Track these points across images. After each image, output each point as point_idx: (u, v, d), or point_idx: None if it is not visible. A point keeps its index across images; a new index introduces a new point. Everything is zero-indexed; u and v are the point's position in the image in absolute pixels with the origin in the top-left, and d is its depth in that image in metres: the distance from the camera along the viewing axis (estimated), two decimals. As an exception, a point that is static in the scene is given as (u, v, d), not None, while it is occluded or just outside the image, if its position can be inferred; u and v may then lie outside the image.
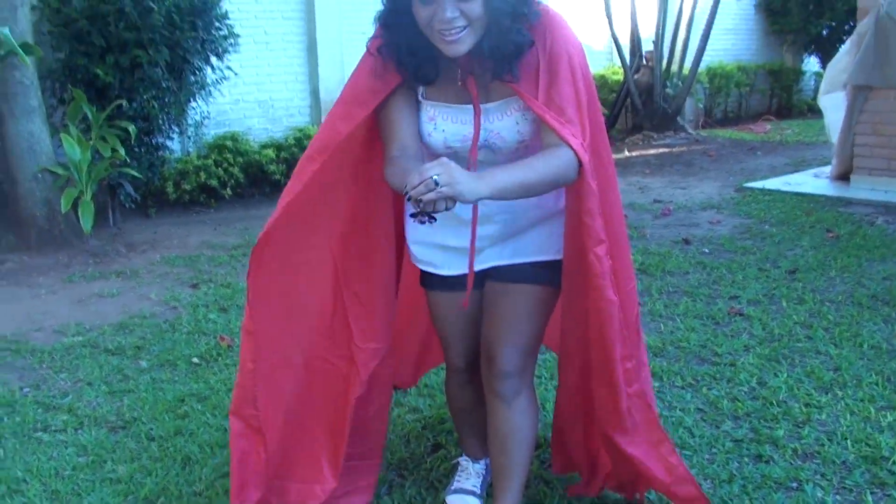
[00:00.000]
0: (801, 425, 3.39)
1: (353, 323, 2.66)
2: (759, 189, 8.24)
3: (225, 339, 4.48)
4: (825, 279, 5.26)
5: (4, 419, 3.69)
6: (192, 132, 8.35)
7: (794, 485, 2.98)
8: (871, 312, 4.64)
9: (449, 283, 2.64)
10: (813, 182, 8.41)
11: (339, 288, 2.66)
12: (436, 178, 1.98)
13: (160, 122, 7.38)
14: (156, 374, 4.15)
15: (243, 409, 2.66)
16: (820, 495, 2.91)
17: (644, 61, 11.97)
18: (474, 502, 2.87)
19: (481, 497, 2.89)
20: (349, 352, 2.68)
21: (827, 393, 3.68)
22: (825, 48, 14.48)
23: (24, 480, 3.16)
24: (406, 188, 2.02)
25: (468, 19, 2.17)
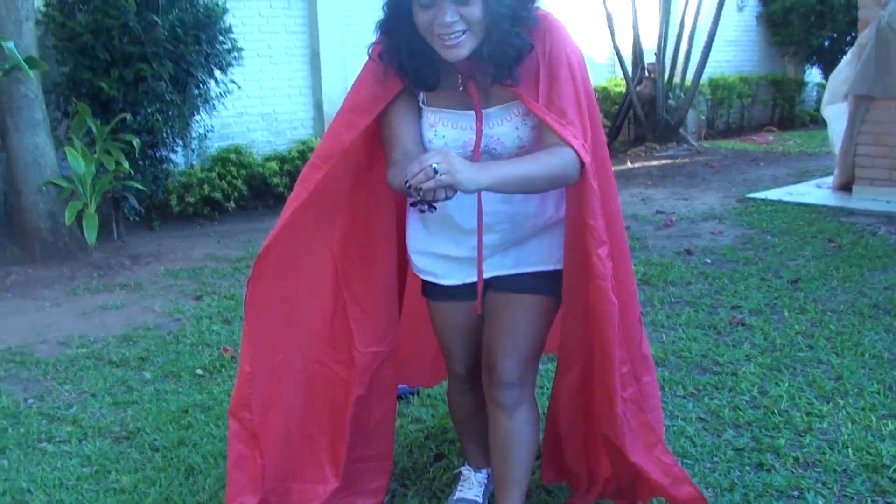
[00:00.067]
0: (802, 434, 3.40)
1: (354, 326, 2.69)
2: (761, 200, 8.25)
3: (228, 350, 4.50)
4: (827, 289, 5.27)
5: (9, 430, 3.71)
6: (195, 145, 8.38)
7: (796, 493, 2.99)
8: (872, 322, 4.64)
9: (450, 292, 2.65)
10: (815, 192, 8.42)
11: (340, 292, 2.69)
12: (435, 166, 2.00)
13: (164, 135, 7.41)
14: (160, 385, 4.17)
15: (240, 412, 2.69)
16: (821, 503, 2.92)
17: (646, 73, 11.99)
18: (476, 511, 2.88)
19: (483, 506, 2.91)
20: (349, 356, 2.70)
21: (828, 402, 3.69)
22: (827, 59, 14.50)
23: (29, 491, 3.18)
24: (406, 176, 2.05)
25: (468, 23, 2.19)
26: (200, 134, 8.30)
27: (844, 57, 8.23)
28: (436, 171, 2.00)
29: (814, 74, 15.66)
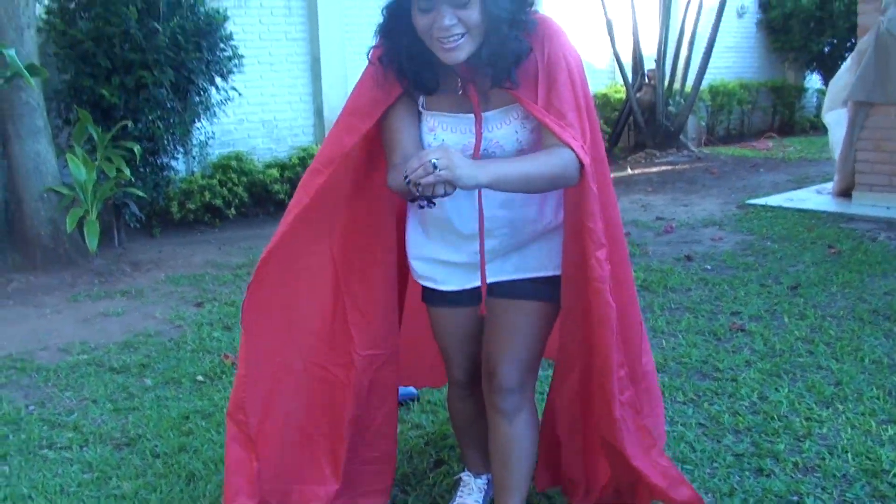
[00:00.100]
0: (801, 439, 3.41)
1: (353, 330, 2.70)
2: (761, 206, 8.26)
3: (229, 357, 4.51)
4: (827, 294, 5.28)
5: (10, 437, 3.72)
6: (196, 152, 8.39)
7: (795, 498, 3.00)
8: (872, 327, 4.65)
9: (449, 298, 2.66)
10: (815, 198, 8.43)
11: (340, 296, 2.70)
12: (434, 161, 2.02)
13: (165, 142, 7.43)
14: (160, 391, 4.17)
15: (236, 414, 2.72)
16: (820, 508, 2.93)
17: (646, 80, 12.01)
18: (476, 517, 2.89)
19: (483, 511, 2.92)
20: (348, 358, 2.72)
21: (828, 407, 3.69)
22: (827, 65, 14.51)
23: (30, 497, 3.19)
24: (406, 172, 2.06)
25: (466, 26, 2.21)
26: (201, 141, 8.31)
27: (844, 63, 8.24)
28: (435, 167, 2.02)
29: (814, 80, 15.68)
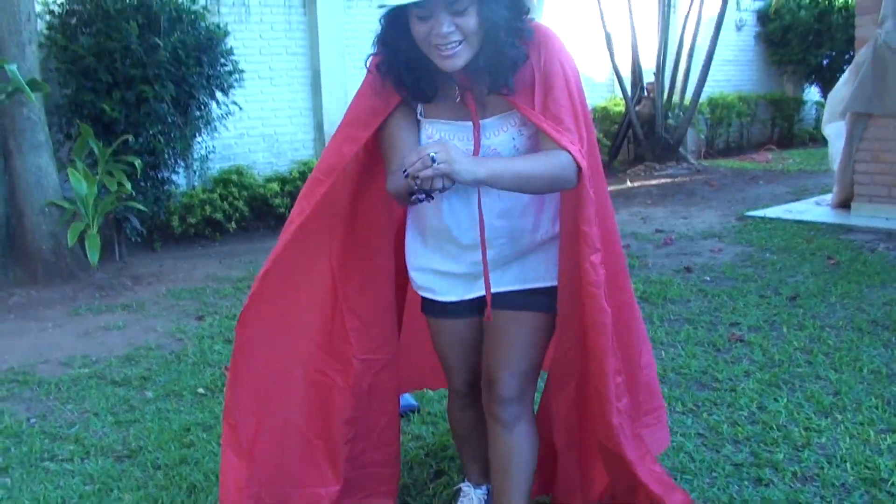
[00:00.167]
0: (800, 449, 3.42)
1: (352, 335, 2.72)
2: (760, 217, 8.28)
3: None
4: (826, 305, 5.29)
5: (12, 449, 3.73)
6: (197, 166, 8.42)
7: (794, 507, 3.01)
8: (871, 337, 4.66)
9: (449, 309, 2.68)
10: (814, 210, 8.45)
11: (338, 302, 2.72)
12: (433, 155, 2.04)
13: (166, 156, 7.46)
14: (161, 404, 4.19)
15: (228, 418, 2.76)
16: (819, 517, 2.94)
17: (645, 93, 12.04)
18: (476, 527, 2.90)
19: (483, 522, 2.92)
20: (347, 363, 2.74)
21: (827, 417, 3.71)
22: (825, 78, 14.55)
23: (32, 509, 3.20)
24: (405, 165, 2.08)
25: (464, 34, 2.23)
26: (202, 155, 8.34)
27: (842, 75, 8.27)
28: (433, 160, 2.04)
29: (812, 93, 15.71)
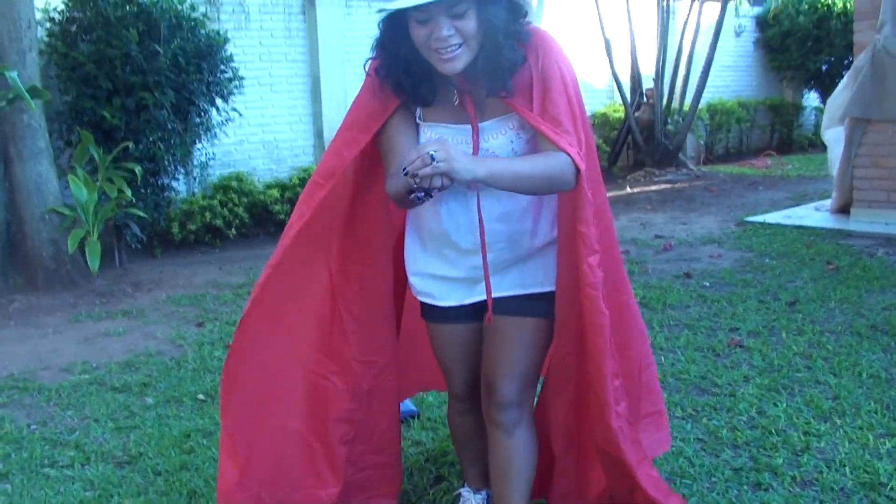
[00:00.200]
0: (799, 453, 3.42)
1: (351, 338, 2.74)
2: (759, 223, 8.29)
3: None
4: (825, 310, 5.30)
5: (12, 455, 3.73)
6: (197, 173, 8.44)
7: (793, 512, 3.01)
8: (870, 342, 4.67)
9: (448, 314, 2.68)
10: (814, 215, 8.46)
11: (337, 305, 2.74)
12: (433, 153, 2.06)
13: (166, 163, 7.47)
14: (162, 410, 4.19)
15: (225, 422, 2.77)
16: (818, 521, 2.94)
17: (645, 99, 12.06)
18: (476, 532, 2.90)
19: (483, 526, 2.93)
20: (346, 365, 2.75)
21: (826, 421, 3.71)
22: (825, 83, 14.57)
23: (32, 515, 3.21)
24: (404, 164, 2.10)
25: (463, 37, 2.25)
26: (202, 162, 8.36)
27: (841, 81, 8.28)
28: (433, 159, 2.05)
29: (812, 99, 15.74)
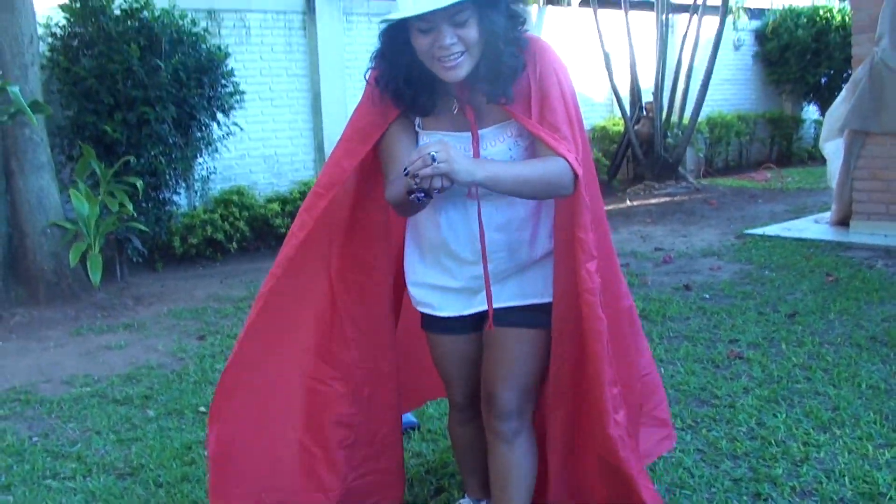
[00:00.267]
0: (799, 464, 3.43)
1: (352, 345, 2.76)
2: (759, 235, 8.31)
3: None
4: (824, 322, 5.31)
5: (14, 467, 3.74)
6: (198, 187, 8.46)
7: (793, 521, 3.02)
8: (869, 353, 4.68)
9: (448, 325, 2.70)
10: (813, 227, 8.47)
11: (337, 313, 2.76)
12: (434, 154, 2.08)
13: (167, 177, 7.50)
14: (163, 422, 4.20)
15: (214, 425, 2.80)
16: (818, 531, 2.95)
17: (644, 112, 12.08)
18: (476, 541, 2.91)
19: (483, 536, 2.94)
20: (346, 372, 2.78)
21: (825, 432, 3.72)
22: (824, 96, 14.60)
23: (34, 527, 3.21)
24: (405, 164, 2.12)
25: (466, 45, 2.28)
26: (203, 176, 8.38)
27: (840, 93, 8.32)
28: (434, 159, 2.08)
29: (811, 112, 15.77)
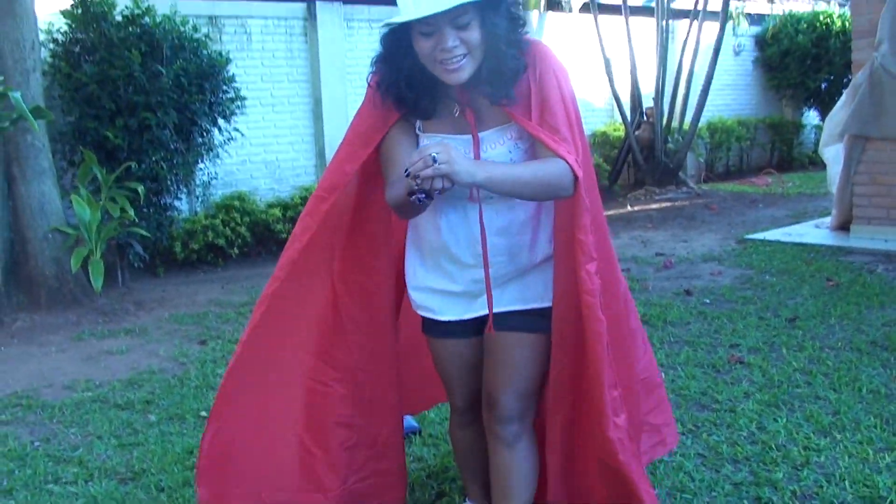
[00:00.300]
0: (800, 468, 3.44)
1: (354, 345, 2.77)
2: (760, 240, 8.31)
3: (232, 392, 4.53)
4: (825, 326, 5.32)
5: (16, 472, 3.75)
6: (199, 192, 8.48)
7: (793, 525, 3.03)
8: (870, 358, 4.68)
9: (448, 329, 2.71)
10: (814, 232, 8.48)
11: (339, 315, 2.77)
12: (435, 155, 2.09)
13: (168, 182, 7.51)
14: (164, 427, 4.21)
15: (215, 424, 2.86)
16: (818, 535, 2.95)
17: (645, 117, 12.10)
18: (477, 546, 2.92)
19: (484, 541, 2.94)
20: (348, 372, 2.78)
21: (826, 436, 3.72)
22: (824, 102, 14.63)
23: (36, 531, 3.22)
24: (406, 165, 2.13)
25: (468, 47, 2.29)
26: (204, 181, 8.40)
27: (840, 98, 8.33)
28: (435, 160, 2.09)
29: (811, 117, 15.79)
